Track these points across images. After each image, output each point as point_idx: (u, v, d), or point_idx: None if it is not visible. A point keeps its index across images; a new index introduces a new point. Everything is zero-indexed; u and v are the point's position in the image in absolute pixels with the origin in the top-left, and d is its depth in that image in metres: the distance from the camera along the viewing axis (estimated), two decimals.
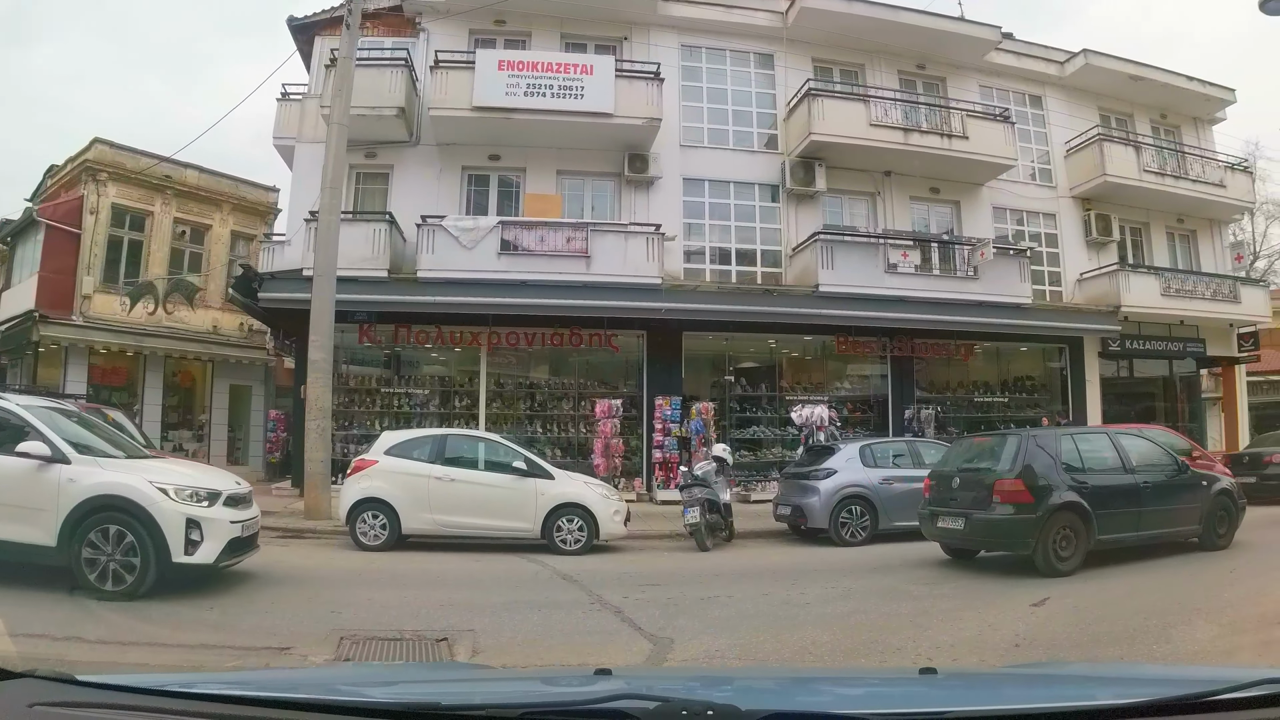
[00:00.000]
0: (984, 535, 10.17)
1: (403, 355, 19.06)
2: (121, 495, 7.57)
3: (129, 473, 7.93)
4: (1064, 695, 2.03)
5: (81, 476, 7.54)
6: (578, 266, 17.18)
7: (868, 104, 19.30)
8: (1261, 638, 6.68)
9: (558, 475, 12.36)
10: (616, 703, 1.64)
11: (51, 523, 7.35)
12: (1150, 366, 23.30)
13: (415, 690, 2.29)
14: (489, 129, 17.97)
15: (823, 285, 17.84)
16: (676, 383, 18.11)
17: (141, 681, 1.87)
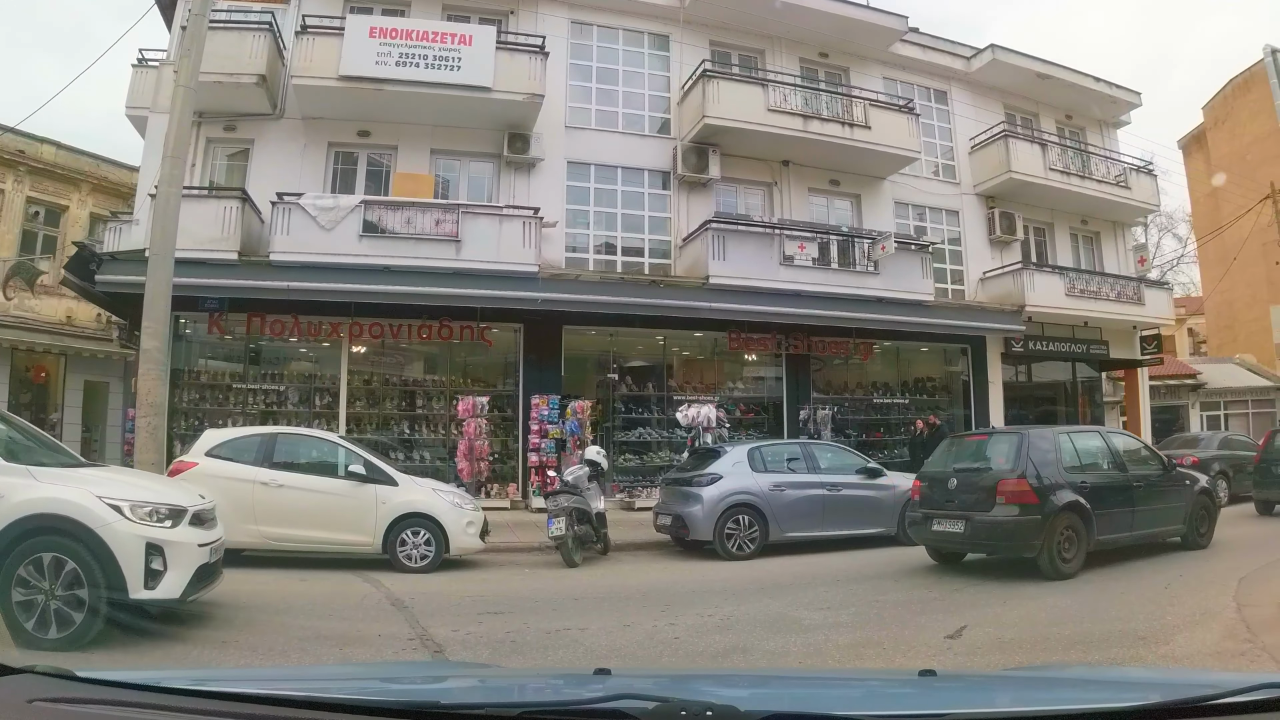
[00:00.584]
0: (987, 538, 9.68)
1: (264, 348, 17.29)
2: (63, 515, 6.00)
3: (68, 485, 6.31)
4: (1062, 699, 2.03)
5: (9, 491, 5.94)
6: (447, 252, 15.73)
7: (766, 88, 18.26)
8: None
9: (403, 481, 10.91)
10: (615, 702, 1.62)
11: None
12: (1050, 370, 22.92)
13: (414, 689, 2.29)
14: (358, 102, 16.43)
15: (713, 277, 16.66)
16: (555, 380, 16.74)
17: (140, 678, 1.84)
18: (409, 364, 18.17)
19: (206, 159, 17.13)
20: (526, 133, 17.35)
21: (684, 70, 18.72)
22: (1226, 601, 7.67)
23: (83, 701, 1.66)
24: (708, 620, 7.75)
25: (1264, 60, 34.75)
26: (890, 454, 19.08)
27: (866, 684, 2.78)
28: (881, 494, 12.78)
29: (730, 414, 17.80)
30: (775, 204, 19.21)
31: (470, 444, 14.54)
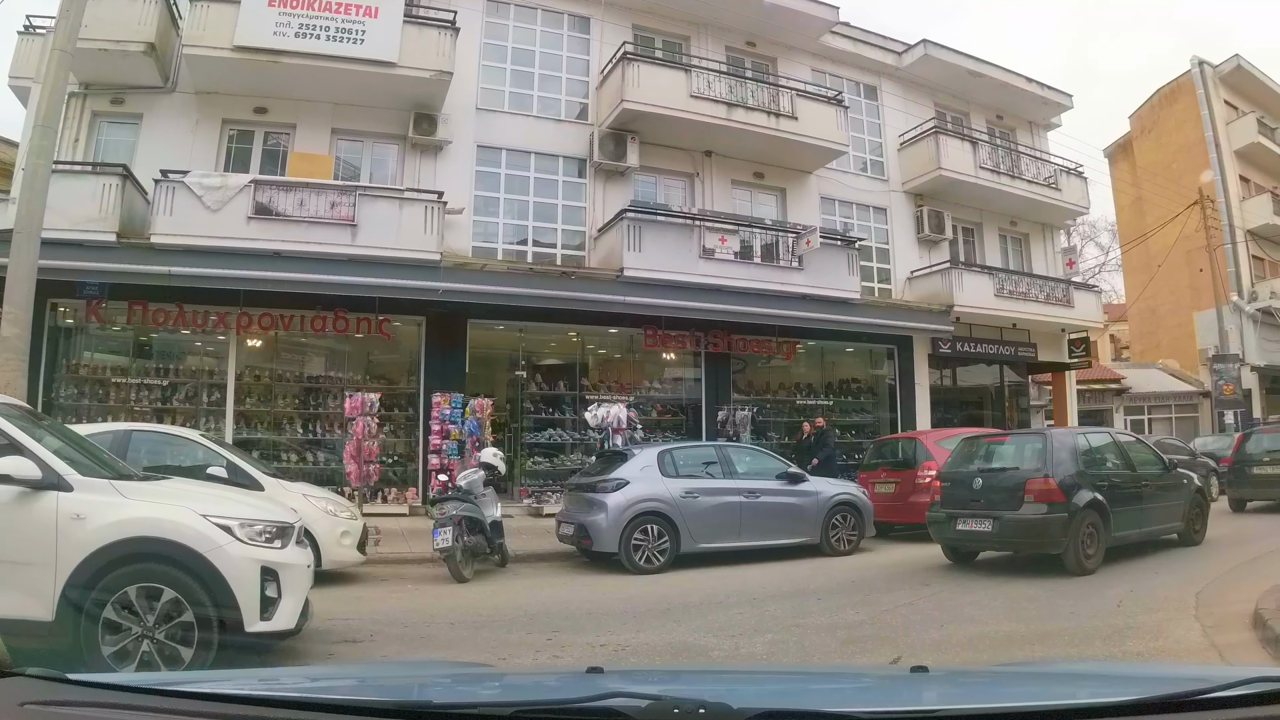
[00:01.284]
0: (1016, 536, 9.87)
1: (154, 341, 15.85)
2: (166, 538, 5.13)
3: (165, 502, 5.49)
4: (1054, 693, 1.97)
5: (93, 511, 5.03)
6: (342, 237, 14.52)
7: (689, 74, 17.40)
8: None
9: (269, 485, 9.72)
10: (608, 700, 1.61)
11: (48, 585, 4.86)
12: (976, 374, 22.58)
13: (406, 688, 2.24)
14: (254, 75, 15.16)
15: (628, 269, 15.70)
16: (459, 377, 15.62)
17: (133, 680, 1.92)
18: (309, 359, 16.92)
19: (92, 134, 15.81)
20: (434, 113, 16.26)
21: (604, 54, 17.80)
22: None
23: (75, 704, 1.64)
24: (598, 652, 6.67)
25: (1191, 71, 35.05)
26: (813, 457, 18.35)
27: (859, 680, 2.79)
28: (804, 500, 11.96)
29: (646, 415, 16.86)
30: (697, 196, 18.35)
31: (359, 444, 13.32)
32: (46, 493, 4.99)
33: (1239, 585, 8.11)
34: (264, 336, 15.89)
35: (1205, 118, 33.87)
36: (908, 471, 14.20)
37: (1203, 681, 1.72)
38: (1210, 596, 7.91)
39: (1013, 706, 1.76)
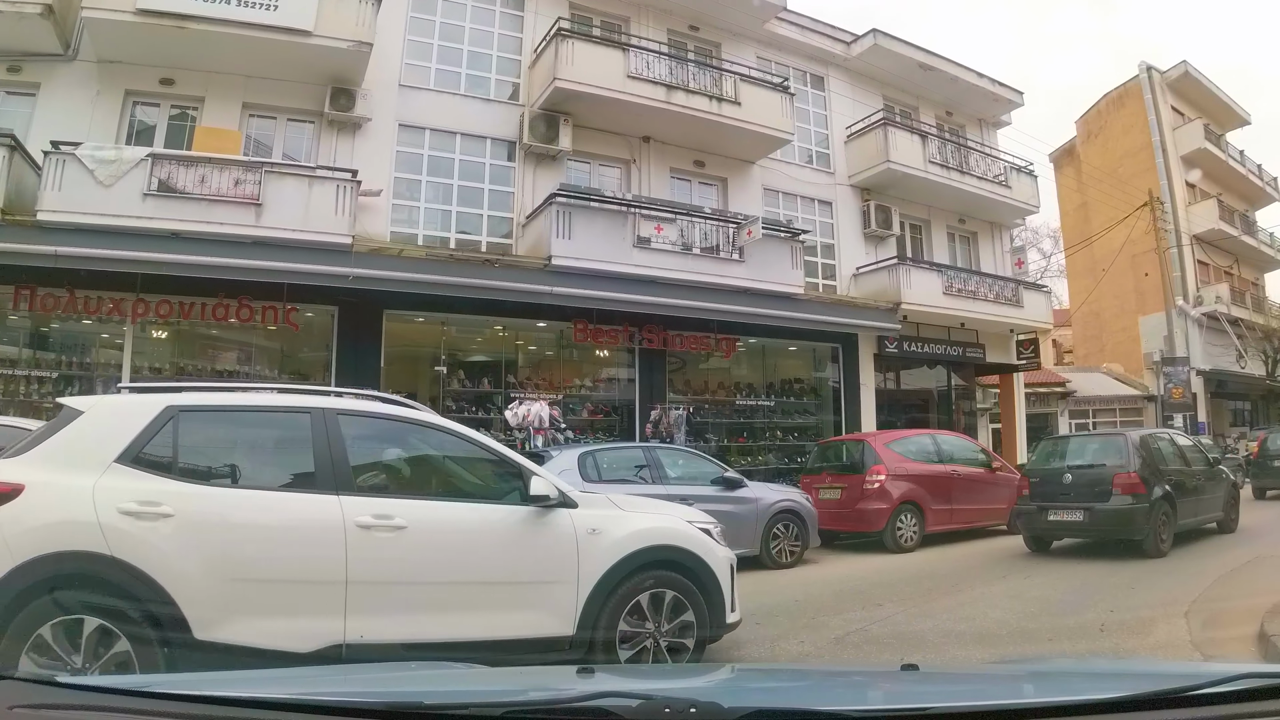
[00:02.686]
0: (1106, 524, 10.87)
1: (53, 330, 14.48)
2: (676, 545, 5.64)
3: (656, 511, 6.06)
4: (1046, 691, 2.02)
5: (605, 525, 5.41)
6: (246, 217, 13.29)
7: (627, 53, 16.41)
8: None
9: None
10: (600, 700, 1.60)
11: (570, 601, 5.16)
12: (920, 378, 22.01)
13: (399, 689, 2.23)
14: (160, 43, 13.88)
15: (556, 257, 14.65)
16: (374, 373, 14.46)
17: (121, 683, 1.94)
18: (221, 352, 15.62)
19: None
20: (353, 88, 15.09)
21: (539, 32, 16.76)
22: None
23: (64, 707, 1.62)
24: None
25: (1139, 76, 35.05)
26: (754, 461, 17.53)
27: (850, 678, 2.78)
28: (741, 508, 11.06)
29: (575, 415, 15.86)
30: (634, 184, 17.36)
31: None
32: (561, 510, 5.25)
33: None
34: (163, 326, 14.62)
35: (1152, 123, 33.85)
36: (855, 476, 13.40)
37: (1196, 678, 1.71)
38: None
39: (1003, 704, 1.74)
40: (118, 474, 4.46)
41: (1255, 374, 33.66)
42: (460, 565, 5.01)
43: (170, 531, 4.37)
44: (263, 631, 4.41)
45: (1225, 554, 10.60)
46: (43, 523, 4.23)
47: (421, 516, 4.93)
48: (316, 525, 4.65)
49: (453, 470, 5.54)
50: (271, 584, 4.55)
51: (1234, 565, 9.68)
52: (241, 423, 5.11)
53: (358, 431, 5.09)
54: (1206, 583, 8.61)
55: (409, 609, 4.81)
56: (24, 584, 4.08)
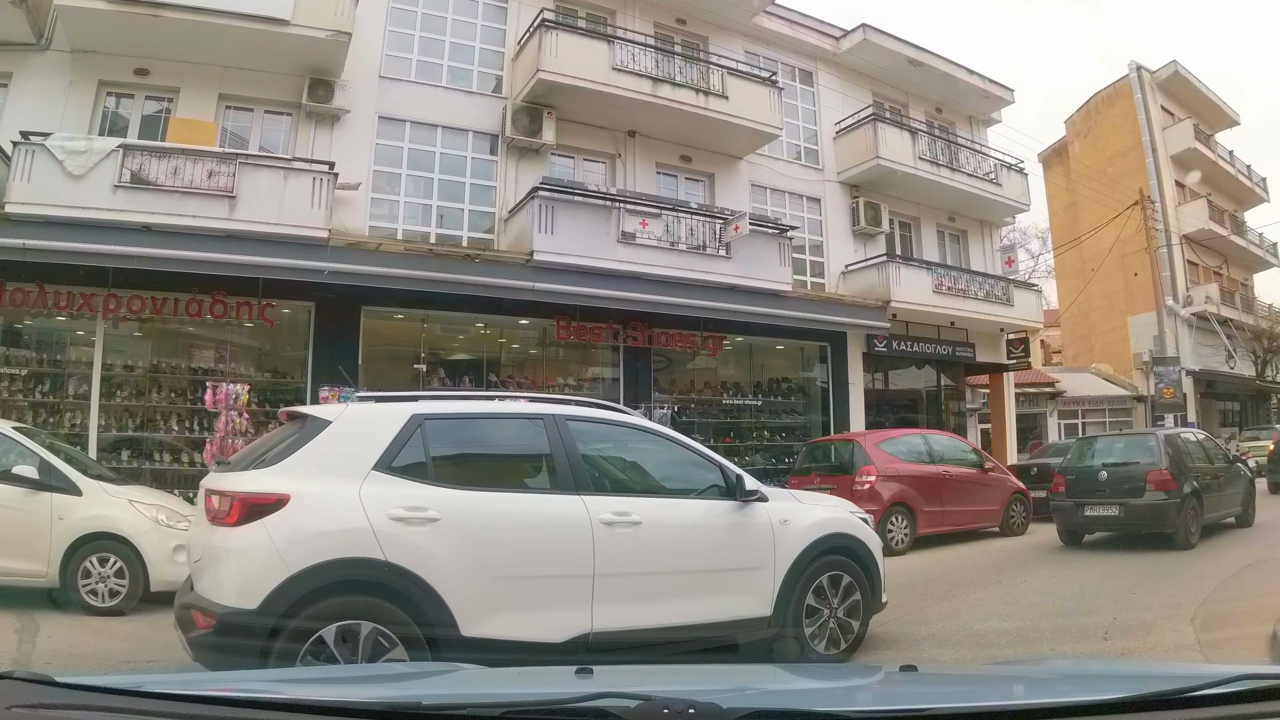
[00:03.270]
0: (1140, 519, 11.55)
1: (25, 326, 14.10)
2: (850, 534, 6.44)
3: (827, 502, 7.04)
4: (1045, 692, 2.00)
5: (794, 516, 6.08)
6: (219, 209, 12.91)
7: (612, 45, 16.08)
8: None
9: (88, 490, 8.20)
10: (598, 701, 1.61)
11: (768, 584, 5.74)
12: (908, 378, 21.74)
13: (397, 690, 2.21)
14: (133, 32, 13.52)
15: (539, 252, 14.31)
16: (351, 370, 14.09)
17: (120, 682, 1.83)
18: (198, 351, 15.20)
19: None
20: (331, 79, 14.73)
21: (522, 24, 16.41)
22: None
23: (63, 707, 1.64)
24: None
25: (1129, 76, 34.92)
26: (742, 461, 17.15)
27: (848, 679, 2.77)
28: None
29: None
30: (619, 179, 17.04)
31: (221, 443, 11.73)
32: (758, 504, 5.74)
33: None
34: (135, 322, 14.23)
35: (1142, 122, 33.73)
36: (844, 477, 13.09)
37: (1194, 679, 1.72)
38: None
39: (1001, 705, 1.78)
40: (378, 481, 4.65)
41: (1245, 374, 33.60)
42: (683, 556, 5.42)
43: (436, 535, 4.60)
44: (520, 625, 4.70)
45: (1245, 548, 11.24)
46: (317, 531, 4.42)
47: (651, 512, 5.30)
48: (567, 524, 4.97)
49: (664, 468, 5.88)
50: (528, 580, 4.85)
51: (1251, 560, 10.17)
52: (482, 429, 5.47)
53: (586, 435, 5.46)
54: (1232, 572, 9.25)
55: (643, 598, 5.16)
56: (314, 587, 4.27)
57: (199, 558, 4.68)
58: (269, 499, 4.42)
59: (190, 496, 12.71)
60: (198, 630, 4.34)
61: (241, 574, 4.34)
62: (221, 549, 4.45)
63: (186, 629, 4.45)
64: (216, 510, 4.54)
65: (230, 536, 4.41)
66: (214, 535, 4.52)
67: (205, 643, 4.29)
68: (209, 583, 4.47)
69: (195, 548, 4.85)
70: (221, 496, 4.55)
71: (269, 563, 4.28)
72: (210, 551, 4.54)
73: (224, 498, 4.52)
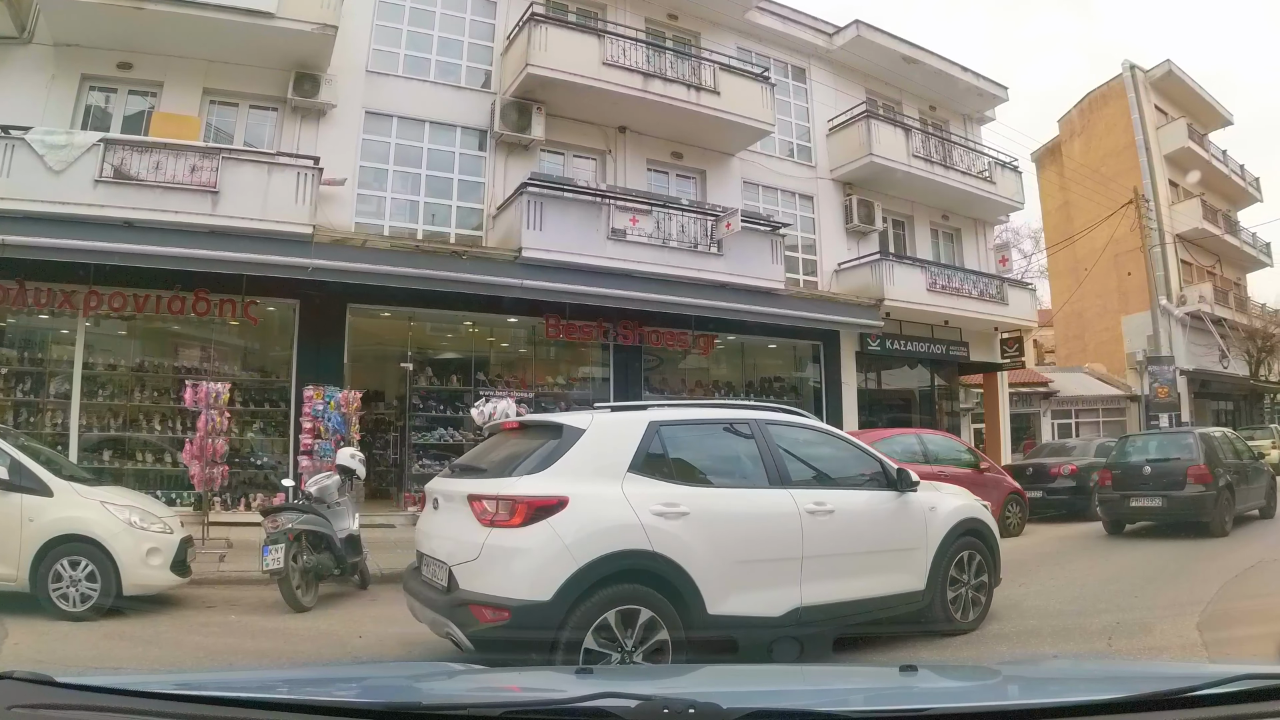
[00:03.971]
0: (1181, 509, 12.66)
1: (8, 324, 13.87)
2: (975, 518, 7.46)
3: (956, 495, 7.73)
4: (1045, 692, 2.01)
5: (937, 503, 7.06)
6: (201, 205, 12.70)
7: (602, 39, 15.87)
8: None
9: (60, 491, 7.93)
10: (598, 701, 1.60)
11: (922, 562, 6.65)
12: (900, 378, 21.57)
13: (395, 690, 2.19)
14: (117, 25, 13.31)
15: (527, 249, 14.10)
16: (337, 368, 13.88)
17: (119, 682, 1.84)
18: (184, 349, 14.95)
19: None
20: (317, 73, 14.52)
21: (511, 18, 16.21)
22: None
23: (62, 707, 1.64)
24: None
25: (1122, 75, 34.82)
26: None
27: (849, 680, 2.75)
28: None
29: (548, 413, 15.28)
30: (609, 176, 16.82)
31: (202, 443, 11.46)
32: (912, 493, 6.55)
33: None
34: (117, 320, 14.01)
35: (1136, 122, 33.62)
36: None
37: (1195, 679, 1.71)
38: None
39: (1002, 705, 1.79)
40: (634, 482, 5.25)
41: (1238, 374, 33.50)
42: (863, 539, 6.17)
43: (688, 527, 5.21)
44: (750, 603, 5.36)
45: (1269, 538, 12.50)
46: (598, 528, 4.99)
47: (839, 502, 6.05)
48: (781, 514, 5.68)
49: (839, 463, 6.53)
50: (754, 564, 5.50)
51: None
52: (705, 432, 6.08)
53: (782, 436, 6.16)
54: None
55: (837, 576, 5.85)
56: (596, 578, 4.82)
57: (472, 558, 4.99)
58: (551, 501, 4.92)
59: (173, 498, 12.62)
60: (484, 624, 4.77)
61: (534, 569, 4.80)
62: (508, 548, 4.88)
63: (467, 624, 4.86)
64: (494, 514, 4.98)
65: (517, 536, 4.87)
66: (493, 536, 4.93)
67: (494, 635, 4.73)
68: (495, 579, 4.86)
69: (459, 549, 5.14)
70: (499, 501, 5.00)
71: (559, 558, 4.79)
72: (492, 551, 4.91)
73: (503, 501, 4.98)
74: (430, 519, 5.83)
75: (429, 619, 5.47)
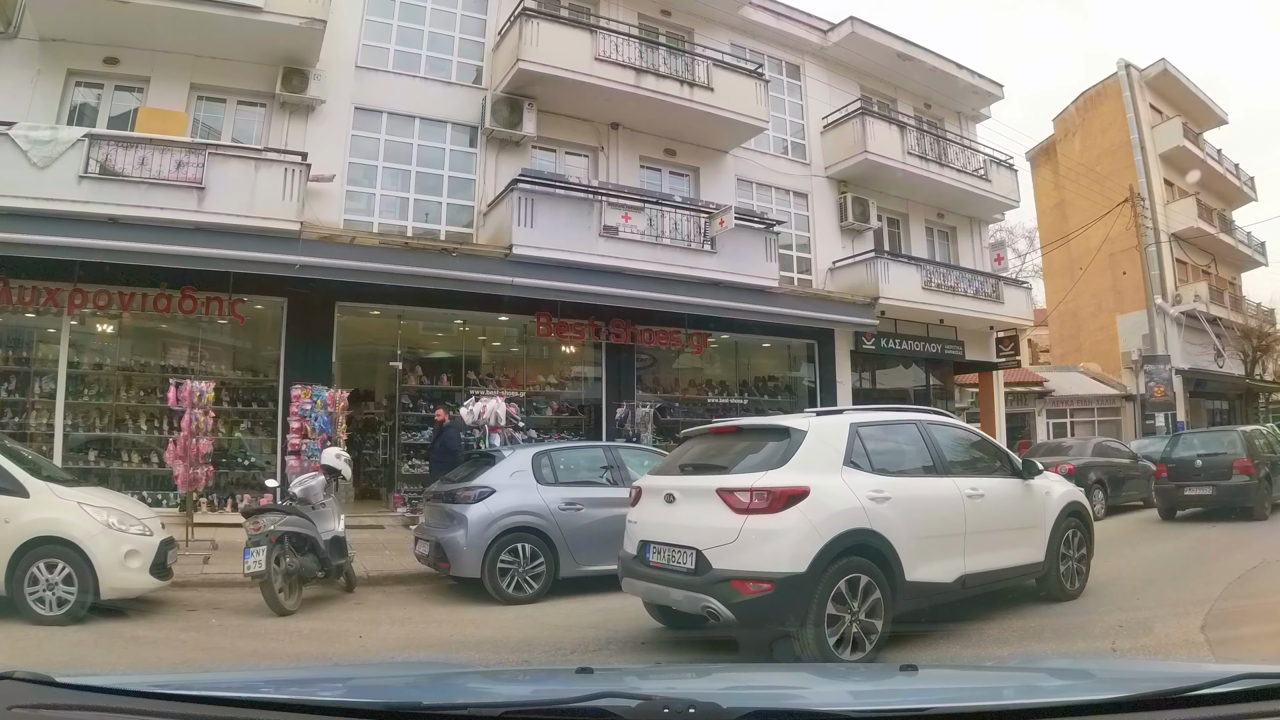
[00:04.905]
0: (1228, 497, 14.39)
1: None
2: (1078, 500, 8.70)
3: (1061, 481, 8.94)
4: (1045, 691, 2.01)
5: (1050, 487, 8.25)
6: (187, 201, 12.52)
7: (594, 35, 15.69)
8: None
9: (36, 491, 7.73)
10: (598, 701, 1.59)
11: (1042, 538, 7.68)
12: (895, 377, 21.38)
13: (395, 689, 2.19)
14: (104, 20, 13.12)
15: (518, 246, 13.92)
16: (325, 367, 13.70)
17: (119, 682, 1.82)
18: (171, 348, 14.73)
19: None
20: (306, 68, 14.33)
21: (503, 13, 16.03)
22: None
23: (62, 707, 1.63)
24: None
25: (1117, 74, 34.70)
26: None
27: (848, 679, 2.77)
28: None
29: (540, 413, 15.17)
30: (601, 173, 16.66)
31: (185, 442, 11.25)
32: (1034, 480, 7.80)
33: None
34: (102, 318, 13.82)
35: (1131, 120, 33.51)
36: None
37: (1195, 679, 1.70)
38: None
39: (1002, 705, 1.73)
40: (848, 473, 6.31)
41: (1234, 373, 33.41)
42: (1004, 518, 7.25)
43: (891, 509, 6.24)
44: (932, 571, 6.40)
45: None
46: (834, 511, 6.01)
47: (986, 488, 7.16)
48: (950, 498, 6.78)
49: (975, 455, 7.79)
50: (934, 538, 6.51)
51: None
52: (887, 431, 7.10)
53: (938, 433, 7.34)
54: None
55: (987, 549, 6.91)
56: (835, 552, 5.84)
57: (729, 541, 5.87)
58: (799, 490, 5.91)
59: (159, 499, 12.45)
60: (747, 596, 5.68)
61: (791, 546, 5.74)
62: (767, 530, 5.80)
63: (729, 598, 5.72)
64: (749, 503, 5.90)
65: (774, 520, 5.82)
66: (750, 521, 5.85)
67: (755, 605, 5.67)
68: (754, 557, 5.77)
69: (711, 534, 5.99)
70: (754, 492, 5.92)
71: (809, 536, 5.78)
72: (749, 534, 5.82)
73: (758, 492, 5.91)
74: (660, 511, 6.56)
75: (678, 598, 6.26)
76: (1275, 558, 10.44)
